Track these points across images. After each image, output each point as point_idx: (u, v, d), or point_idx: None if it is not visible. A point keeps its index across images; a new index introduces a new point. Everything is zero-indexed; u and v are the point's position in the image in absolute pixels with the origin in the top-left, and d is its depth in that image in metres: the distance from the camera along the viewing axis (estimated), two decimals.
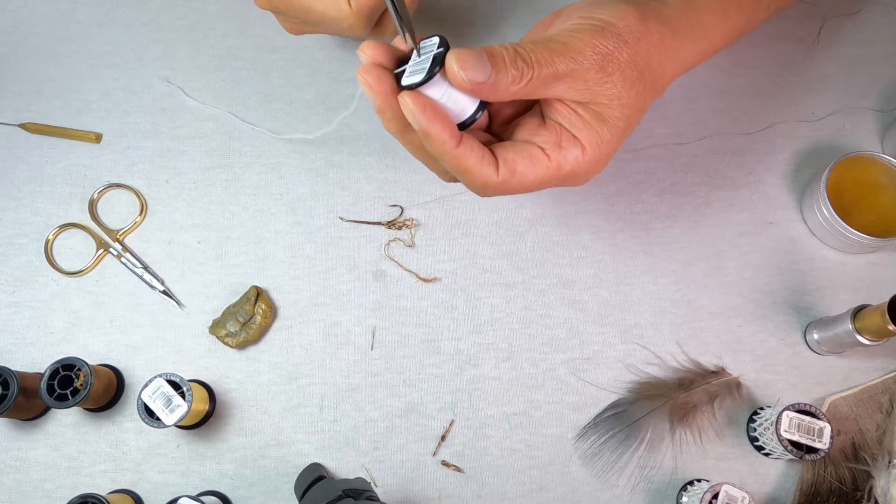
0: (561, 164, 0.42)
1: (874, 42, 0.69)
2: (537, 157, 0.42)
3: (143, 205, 0.63)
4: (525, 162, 0.42)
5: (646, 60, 0.43)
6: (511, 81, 0.39)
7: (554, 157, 0.42)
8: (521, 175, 0.42)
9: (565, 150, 0.42)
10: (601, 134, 0.42)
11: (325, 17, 0.49)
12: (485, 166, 0.41)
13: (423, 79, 0.38)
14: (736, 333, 0.60)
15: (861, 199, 0.61)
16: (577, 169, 0.43)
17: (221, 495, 0.56)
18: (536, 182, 0.42)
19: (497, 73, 0.38)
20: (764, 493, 0.56)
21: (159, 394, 0.52)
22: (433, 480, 0.56)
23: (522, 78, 0.39)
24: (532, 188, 0.43)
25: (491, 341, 0.60)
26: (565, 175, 0.43)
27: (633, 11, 0.43)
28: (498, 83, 0.39)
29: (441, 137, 0.39)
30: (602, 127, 0.42)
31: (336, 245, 0.62)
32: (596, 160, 0.43)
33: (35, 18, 0.68)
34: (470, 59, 0.38)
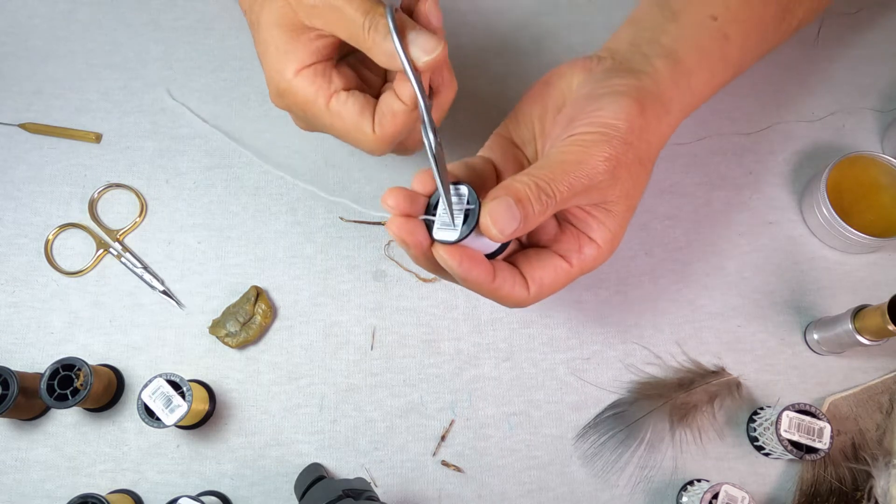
0: (582, 267, 0.45)
1: (874, 42, 0.69)
2: (561, 267, 0.45)
3: (143, 205, 0.63)
4: (551, 275, 0.45)
5: (647, 150, 0.45)
6: (537, 216, 0.41)
7: (575, 262, 0.45)
8: (548, 287, 0.45)
9: (584, 252, 0.45)
10: (612, 228, 0.45)
11: (346, 138, 0.47)
12: (517, 289, 0.44)
13: (458, 238, 0.40)
14: (736, 333, 0.60)
15: (861, 199, 0.61)
16: (594, 264, 0.46)
17: (221, 495, 0.56)
18: (562, 286, 0.45)
19: (525, 215, 0.40)
20: (764, 493, 0.56)
21: (159, 394, 0.52)
22: (433, 480, 0.56)
23: (547, 210, 0.41)
24: (558, 291, 0.46)
25: (491, 341, 0.60)
26: (585, 272, 0.46)
27: (633, 107, 0.44)
28: (526, 224, 0.40)
29: (478, 280, 0.42)
30: (612, 222, 0.45)
31: (336, 245, 0.62)
32: (610, 251, 0.46)
33: (35, 18, 0.68)
34: (502, 213, 0.39)
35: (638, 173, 0.45)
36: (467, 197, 0.41)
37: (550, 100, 0.48)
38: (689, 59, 0.48)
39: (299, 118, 0.49)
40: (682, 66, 0.48)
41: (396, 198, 0.41)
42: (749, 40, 0.51)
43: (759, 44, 0.53)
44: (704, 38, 0.49)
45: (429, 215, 0.42)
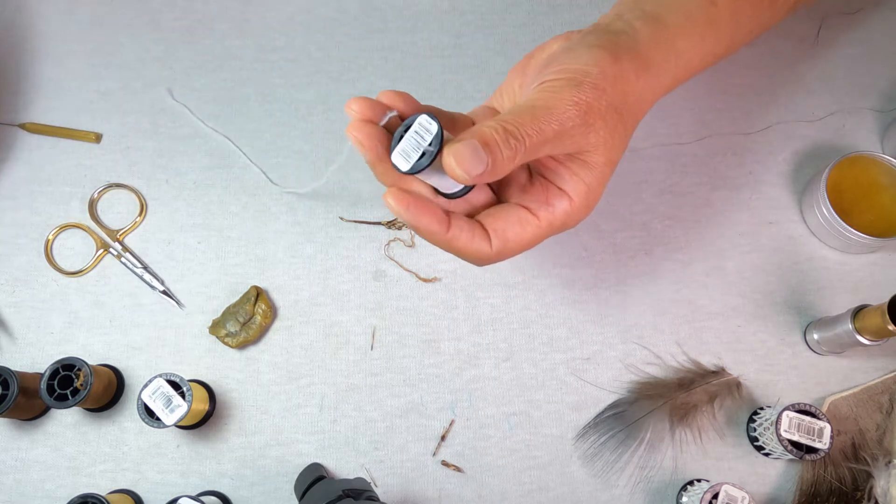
0: (551, 221, 0.43)
1: (874, 42, 0.69)
2: (527, 220, 0.43)
3: (143, 205, 0.63)
4: (515, 228, 0.42)
5: (623, 100, 0.43)
6: (506, 162, 0.39)
7: (543, 215, 0.43)
8: (513, 242, 0.42)
9: (553, 205, 0.43)
10: (587, 181, 0.43)
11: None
12: (477, 242, 0.42)
13: (411, 168, 0.39)
14: (736, 333, 0.60)
15: (861, 199, 0.61)
16: (566, 220, 0.43)
17: (221, 495, 0.56)
18: (530, 242, 0.43)
19: (493, 160, 0.39)
20: (764, 493, 0.56)
21: (159, 394, 0.52)
22: (433, 480, 0.56)
23: (516, 155, 0.39)
24: (527, 248, 0.43)
25: (491, 341, 0.60)
26: (558, 227, 0.44)
27: (605, 56, 0.43)
28: (494, 168, 0.39)
29: (430, 229, 0.41)
30: (588, 174, 0.43)
31: (336, 245, 0.62)
32: (584, 207, 0.44)
33: (35, 18, 0.68)
34: (467, 154, 0.38)
35: (614, 124, 0.43)
36: (436, 135, 0.39)
37: (530, 68, 0.47)
38: (671, 21, 0.47)
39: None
40: (663, 27, 0.46)
41: (361, 104, 0.40)
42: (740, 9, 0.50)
43: (753, 15, 0.52)
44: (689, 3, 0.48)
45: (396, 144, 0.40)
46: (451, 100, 0.66)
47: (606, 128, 0.42)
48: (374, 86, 0.67)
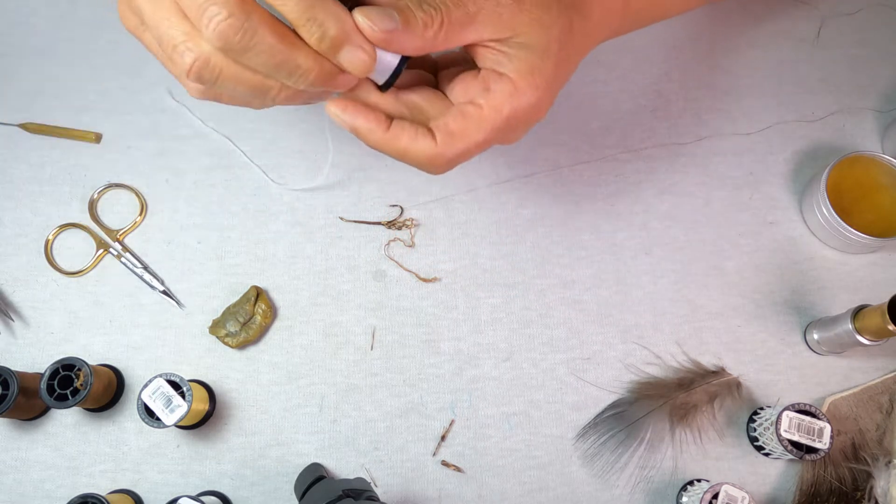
0: (496, 107, 0.41)
1: (874, 42, 0.69)
2: (469, 111, 0.41)
3: (143, 205, 0.63)
4: (458, 120, 0.41)
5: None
6: (422, 26, 0.37)
7: (485, 102, 0.41)
8: (460, 134, 0.40)
9: (494, 90, 0.41)
10: (530, 61, 0.41)
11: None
12: (420, 140, 0.40)
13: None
14: (736, 333, 0.60)
15: (861, 199, 0.61)
16: (516, 105, 0.41)
17: (221, 495, 0.56)
18: (481, 134, 0.41)
19: (405, 20, 0.37)
20: (764, 493, 0.56)
21: (159, 394, 0.52)
22: (433, 480, 0.56)
23: (433, 21, 0.38)
24: (482, 142, 0.41)
25: (491, 341, 0.60)
26: (508, 116, 0.41)
27: None
28: (409, 29, 0.37)
29: (368, 127, 0.40)
30: (530, 55, 0.41)
31: (336, 245, 0.62)
32: (534, 88, 0.41)
33: (35, 18, 0.68)
34: (375, 11, 0.37)
35: (549, 3, 0.41)
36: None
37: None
38: None
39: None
40: None
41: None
42: None
43: None
44: None
45: None
46: None
47: (540, 5, 0.41)
48: None
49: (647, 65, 0.63)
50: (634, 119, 0.66)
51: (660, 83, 0.67)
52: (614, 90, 0.67)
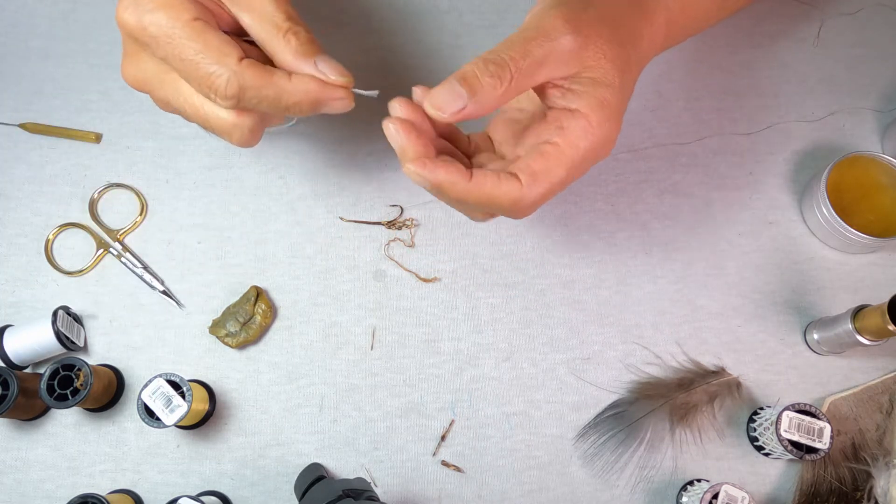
0: (573, 143, 0.41)
1: (874, 42, 0.69)
2: (547, 150, 0.42)
3: (143, 205, 0.63)
4: (539, 160, 0.41)
5: (612, 14, 0.43)
6: (492, 89, 0.39)
7: (562, 140, 0.41)
8: (543, 174, 0.41)
9: (569, 128, 0.41)
10: (600, 95, 0.42)
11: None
12: (504, 184, 0.41)
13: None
14: (736, 333, 0.60)
15: (861, 199, 0.61)
16: (592, 139, 0.42)
17: (221, 495, 0.56)
18: (563, 171, 0.42)
19: (474, 92, 0.39)
20: (764, 493, 0.56)
21: (159, 394, 0.52)
22: (433, 480, 0.56)
23: (502, 81, 0.40)
24: (564, 179, 0.42)
25: (491, 341, 0.60)
26: (585, 151, 0.42)
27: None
28: (480, 100, 0.39)
29: (450, 180, 0.41)
30: (598, 88, 0.42)
31: (336, 245, 0.62)
32: (606, 120, 0.42)
33: (35, 18, 0.68)
34: (441, 94, 0.39)
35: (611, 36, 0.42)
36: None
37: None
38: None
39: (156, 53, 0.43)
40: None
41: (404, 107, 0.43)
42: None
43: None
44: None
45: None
46: None
47: (601, 38, 0.42)
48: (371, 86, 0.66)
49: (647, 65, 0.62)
50: (634, 119, 0.66)
51: (660, 83, 0.67)
52: None
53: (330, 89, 0.44)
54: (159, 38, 0.41)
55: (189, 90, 0.43)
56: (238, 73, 0.41)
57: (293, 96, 0.43)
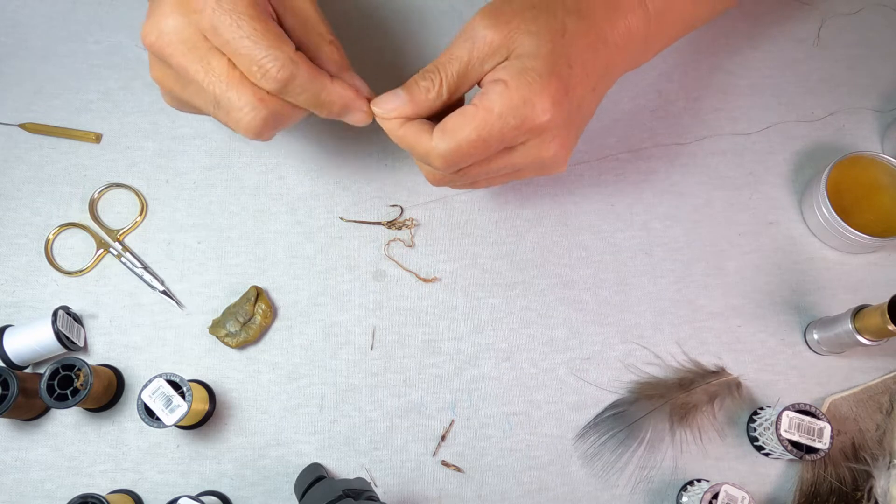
0: (487, 106, 0.44)
1: (874, 42, 0.69)
2: (465, 110, 0.45)
3: (143, 205, 0.63)
4: (454, 118, 0.45)
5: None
6: (426, 91, 0.46)
7: (479, 102, 0.44)
8: (451, 130, 0.45)
9: (486, 92, 0.44)
10: (521, 64, 0.44)
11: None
12: (422, 135, 0.46)
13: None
14: (736, 333, 0.60)
15: (861, 199, 0.61)
16: (506, 101, 0.44)
17: (221, 495, 0.56)
18: (473, 131, 0.44)
19: (411, 94, 0.46)
20: (764, 493, 0.56)
21: (159, 394, 0.52)
22: (433, 480, 0.56)
23: (433, 83, 0.46)
24: (475, 140, 0.45)
25: (491, 341, 0.60)
26: (501, 111, 0.44)
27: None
28: (415, 100, 0.46)
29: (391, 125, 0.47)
30: (521, 60, 0.44)
31: (336, 245, 0.62)
32: (524, 85, 0.44)
33: (35, 18, 0.68)
34: (384, 96, 0.47)
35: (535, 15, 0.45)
36: None
37: None
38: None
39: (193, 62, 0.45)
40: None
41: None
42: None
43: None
44: None
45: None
46: None
47: (525, 18, 0.45)
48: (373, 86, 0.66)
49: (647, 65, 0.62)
50: (634, 119, 0.66)
51: (660, 83, 0.67)
52: (614, 90, 0.67)
53: (361, 100, 0.48)
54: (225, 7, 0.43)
55: (221, 63, 0.44)
56: (294, 61, 0.44)
57: (331, 96, 0.47)
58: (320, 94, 0.46)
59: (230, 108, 0.45)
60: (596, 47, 0.47)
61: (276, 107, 0.46)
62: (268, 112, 0.45)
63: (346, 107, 0.48)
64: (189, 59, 0.44)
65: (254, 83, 0.44)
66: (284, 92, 0.45)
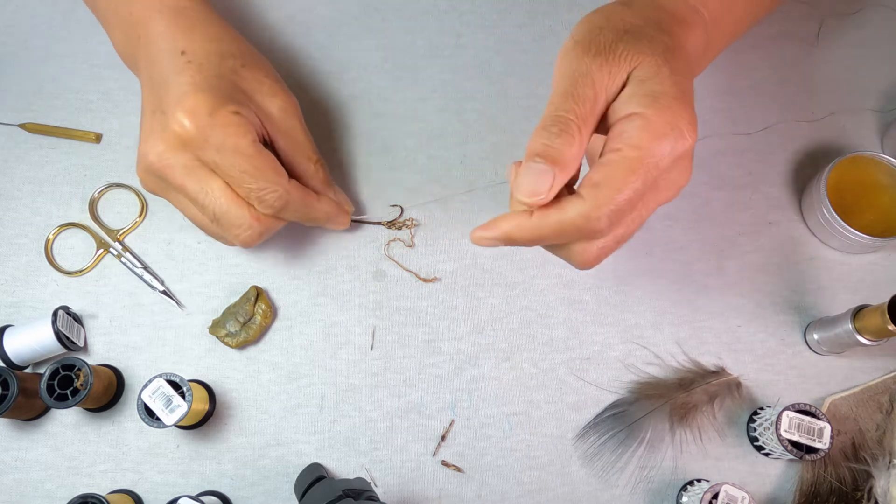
0: (633, 144, 0.39)
1: (874, 42, 0.69)
2: (609, 158, 0.40)
3: (143, 205, 0.63)
4: (600, 170, 0.40)
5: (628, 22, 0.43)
6: (569, 147, 0.39)
7: (622, 145, 0.39)
8: (605, 183, 0.39)
9: (626, 130, 0.40)
10: (649, 90, 0.40)
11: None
12: (567, 206, 0.40)
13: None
14: (736, 333, 0.60)
15: (861, 199, 0.61)
16: (652, 134, 0.39)
17: (221, 495, 0.56)
18: (628, 175, 0.39)
19: (554, 161, 0.39)
20: (764, 493, 0.56)
21: (159, 394, 0.52)
22: (433, 480, 0.56)
23: (572, 134, 0.39)
24: (634, 184, 0.39)
25: (491, 341, 0.60)
26: (650, 146, 0.39)
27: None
28: (563, 162, 0.39)
29: (513, 225, 0.41)
30: (646, 85, 0.40)
31: (336, 245, 0.62)
32: (663, 111, 0.40)
33: (35, 18, 0.68)
34: (527, 180, 0.39)
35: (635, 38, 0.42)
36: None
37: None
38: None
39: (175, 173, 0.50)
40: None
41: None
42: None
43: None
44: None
45: None
46: (452, 100, 0.66)
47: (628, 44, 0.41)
48: (373, 85, 0.67)
49: None
50: None
51: None
52: None
53: (342, 214, 0.58)
54: (227, 147, 0.48)
55: (219, 189, 0.50)
56: (289, 190, 0.51)
57: (318, 213, 0.55)
58: (309, 213, 0.54)
59: (230, 226, 0.51)
60: (687, 61, 0.45)
61: (269, 224, 0.52)
62: (262, 228, 0.52)
63: (329, 220, 0.57)
64: (189, 181, 0.49)
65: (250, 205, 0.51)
66: (279, 213, 0.52)
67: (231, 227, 0.51)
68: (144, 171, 0.51)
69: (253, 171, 0.49)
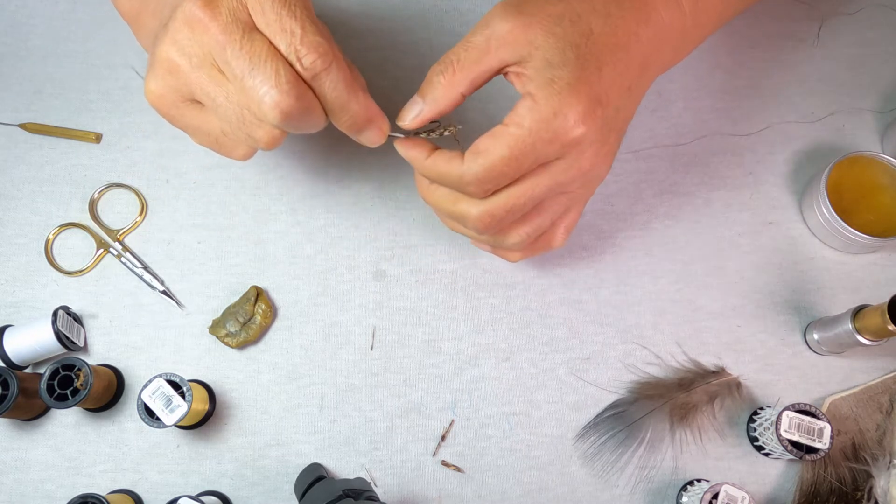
0: (517, 121, 0.42)
1: (874, 42, 0.69)
2: (495, 130, 0.43)
3: (143, 205, 0.63)
4: (485, 140, 0.43)
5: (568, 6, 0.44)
6: (439, 85, 0.44)
7: (509, 120, 0.42)
8: (484, 151, 0.43)
9: (516, 109, 0.42)
10: (549, 73, 0.42)
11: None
12: (454, 162, 0.44)
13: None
14: (736, 333, 0.60)
15: (861, 199, 0.61)
16: (536, 115, 0.41)
17: (221, 495, 0.56)
18: (504, 149, 0.42)
19: (424, 93, 0.44)
20: (764, 493, 0.56)
21: (159, 394, 0.52)
22: (433, 480, 0.56)
23: (446, 74, 0.43)
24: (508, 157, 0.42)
25: (491, 341, 0.60)
26: (531, 128, 0.42)
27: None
28: (432, 97, 0.44)
29: (413, 155, 0.46)
30: (548, 67, 0.42)
31: (336, 245, 0.62)
32: (552, 95, 0.41)
33: (35, 18, 0.68)
34: (404, 111, 0.45)
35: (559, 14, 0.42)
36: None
37: None
38: None
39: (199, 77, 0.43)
40: None
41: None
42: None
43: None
44: None
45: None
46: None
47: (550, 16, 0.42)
48: (373, 85, 0.66)
49: None
50: (634, 119, 0.65)
51: (659, 83, 0.67)
52: None
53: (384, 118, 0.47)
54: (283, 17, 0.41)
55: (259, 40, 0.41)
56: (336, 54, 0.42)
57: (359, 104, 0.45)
58: (350, 100, 0.44)
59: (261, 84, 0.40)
60: (628, 46, 0.45)
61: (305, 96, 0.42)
62: (297, 93, 0.41)
63: (370, 119, 0.46)
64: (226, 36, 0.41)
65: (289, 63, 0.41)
66: (320, 78, 0.41)
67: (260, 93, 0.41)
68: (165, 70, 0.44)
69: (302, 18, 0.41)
